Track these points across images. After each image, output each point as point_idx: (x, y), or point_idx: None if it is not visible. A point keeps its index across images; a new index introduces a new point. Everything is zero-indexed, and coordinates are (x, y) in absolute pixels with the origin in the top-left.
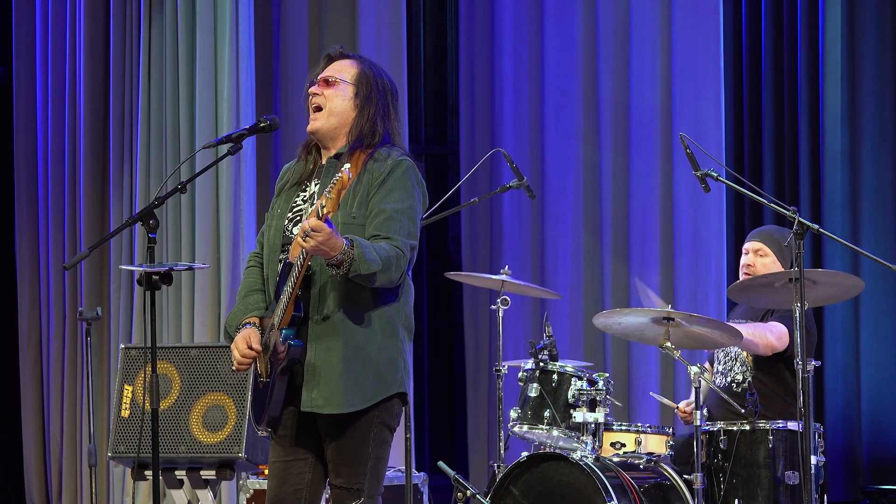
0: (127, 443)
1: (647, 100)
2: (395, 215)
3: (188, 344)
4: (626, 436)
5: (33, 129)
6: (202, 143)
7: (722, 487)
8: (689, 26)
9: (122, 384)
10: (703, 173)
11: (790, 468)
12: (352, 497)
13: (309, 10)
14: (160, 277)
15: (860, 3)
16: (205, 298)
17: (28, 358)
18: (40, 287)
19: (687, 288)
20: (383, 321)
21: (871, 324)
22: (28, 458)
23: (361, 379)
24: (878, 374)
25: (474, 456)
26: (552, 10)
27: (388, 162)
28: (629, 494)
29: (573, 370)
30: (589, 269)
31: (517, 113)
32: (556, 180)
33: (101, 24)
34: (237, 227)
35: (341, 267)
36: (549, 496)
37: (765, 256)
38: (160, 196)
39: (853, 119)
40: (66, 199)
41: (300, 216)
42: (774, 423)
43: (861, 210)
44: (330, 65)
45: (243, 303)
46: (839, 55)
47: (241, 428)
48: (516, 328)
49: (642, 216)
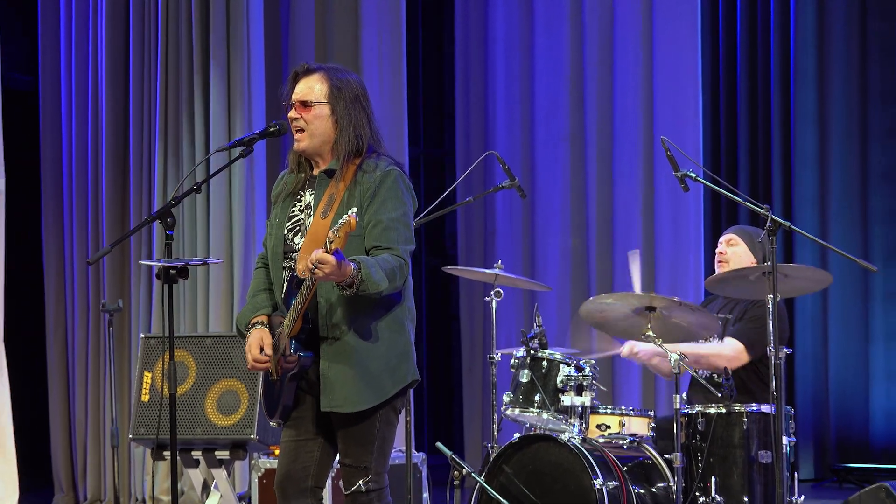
0: (147, 425)
1: (629, 106)
2: (391, 224)
3: (203, 333)
4: (611, 418)
5: (58, 135)
6: (216, 146)
7: (700, 466)
8: (668, 38)
9: (142, 371)
10: (683, 174)
11: (763, 448)
12: (360, 474)
13: (315, 25)
14: (177, 272)
15: (829, 15)
16: (219, 291)
17: (54, 347)
18: (65, 281)
19: (667, 281)
20: (390, 321)
21: (838, 314)
22: (55, 439)
23: (376, 378)
24: (844, 361)
25: (470, 437)
26: (542, 24)
27: (377, 173)
28: (613, 472)
29: (561, 357)
30: (576, 264)
31: (509, 118)
32: (546, 181)
33: (121, 37)
34: (249, 225)
35: (351, 288)
36: (540, 474)
37: (736, 245)
38: (177, 196)
39: (822, 123)
40: (89, 199)
41: (298, 225)
42: (749, 406)
43: (829, 208)
44: (299, 82)
45: (252, 302)
46: (809, 64)
47: (253, 412)
48: (509, 319)
49: (625, 214)
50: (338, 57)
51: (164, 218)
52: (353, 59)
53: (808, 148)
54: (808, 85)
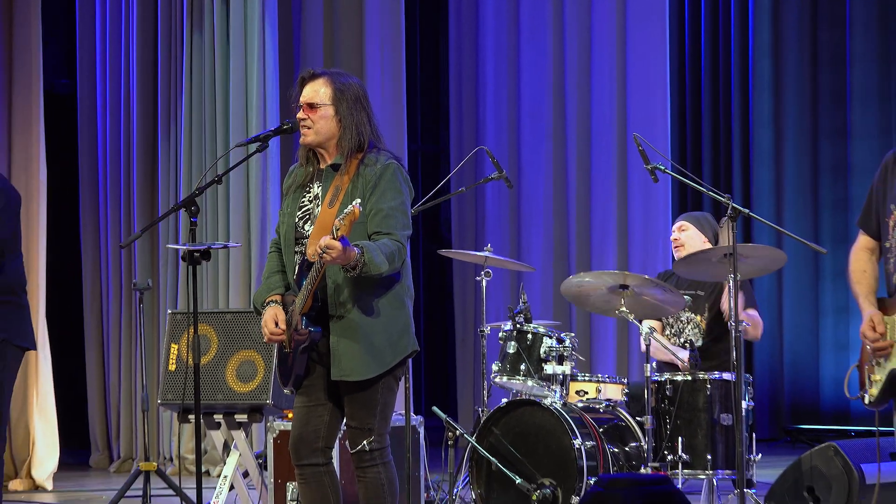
0: (174, 392)
1: (605, 107)
2: (391, 213)
3: (224, 309)
4: (589, 385)
5: (94, 132)
6: (235, 142)
7: (668, 427)
8: (640, 46)
9: (170, 343)
10: (653, 167)
11: (725, 411)
12: (364, 435)
13: (324, 33)
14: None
15: (783, 25)
16: (237, 271)
17: (91, 322)
18: (101, 263)
19: (638, 263)
20: (391, 298)
21: (792, 293)
22: (91, 405)
23: (379, 350)
24: (797, 333)
25: (462, 402)
26: (527, 33)
27: (378, 166)
28: (591, 433)
29: (544, 330)
30: (557, 247)
31: (498, 117)
32: (530, 173)
33: (150, 44)
34: (264, 212)
35: (356, 270)
36: (525, 435)
37: (686, 230)
38: (200, 186)
39: (777, 122)
40: (121, 190)
41: (308, 214)
42: (712, 374)
43: (784, 197)
44: (306, 86)
45: (266, 283)
46: (766, 69)
47: (269, 380)
48: (497, 296)
49: (601, 202)
50: (344, 65)
51: (188, 206)
52: (358, 68)
53: (765, 144)
54: (764, 88)
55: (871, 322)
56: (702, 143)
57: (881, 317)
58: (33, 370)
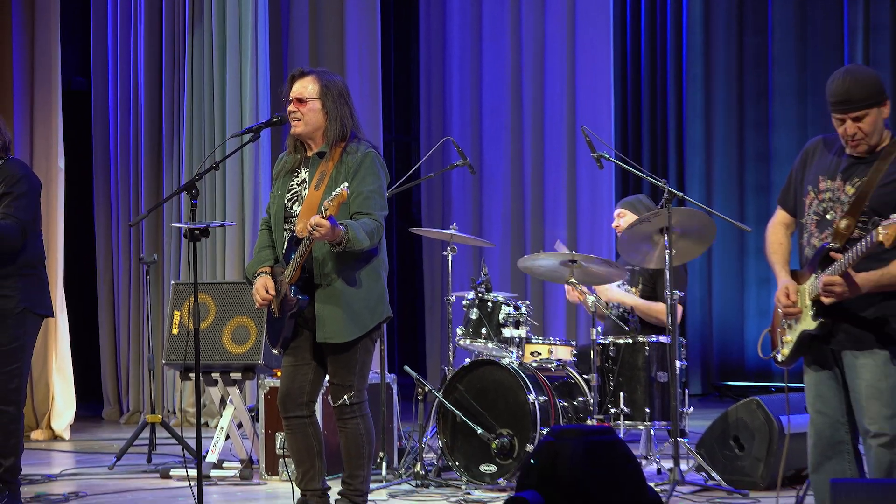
0: (176, 353)
1: (556, 102)
2: (370, 195)
3: (221, 281)
4: (542, 346)
5: (106, 124)
6: (230, 133)
7: (611, 384)
8: (587, 49)
9: (173, 310)
10: (598, 155)
11: (661, 370)
12: (344, 391)
13: (309, 36)
14: (200, 232)
15: (713, 29)
16: (233, 247)
17: (103, 291)
18: (112, 239)
19: (586, 241)
20: (369, 270)
21: (720, 266)
22: (104, 365)
23: (358, 316)
24: (725, 301)
25: (430, 362)
26: (489, 36)
27: (359, 154)
28: (544, 389)
29: (503, 299)
30: (514, 226)
31: (462, 111)
32: (491, 161)
33: (156, 48)
34: (256, 195)
35: (340, 245)
36: (486, 391)
37: (623, 216)
38: (200, 172)
39: (708, 115)
40: (130, 175)
41: (296, 196)
42: (650, 337)
43: (713, 182)
44: (296, 83)
45: (257, 256)
46: (697, 68)
47: (260, 343)
48: (461, 268)
49: (553, 187)
50: (327, 65)
51: (189, 189)
52: (339, 68)
53: (697, 135)
54: (696, 85)
55: (786, 289)
56: (641, 134)
57: (795, 286)
58: (52, 334)
